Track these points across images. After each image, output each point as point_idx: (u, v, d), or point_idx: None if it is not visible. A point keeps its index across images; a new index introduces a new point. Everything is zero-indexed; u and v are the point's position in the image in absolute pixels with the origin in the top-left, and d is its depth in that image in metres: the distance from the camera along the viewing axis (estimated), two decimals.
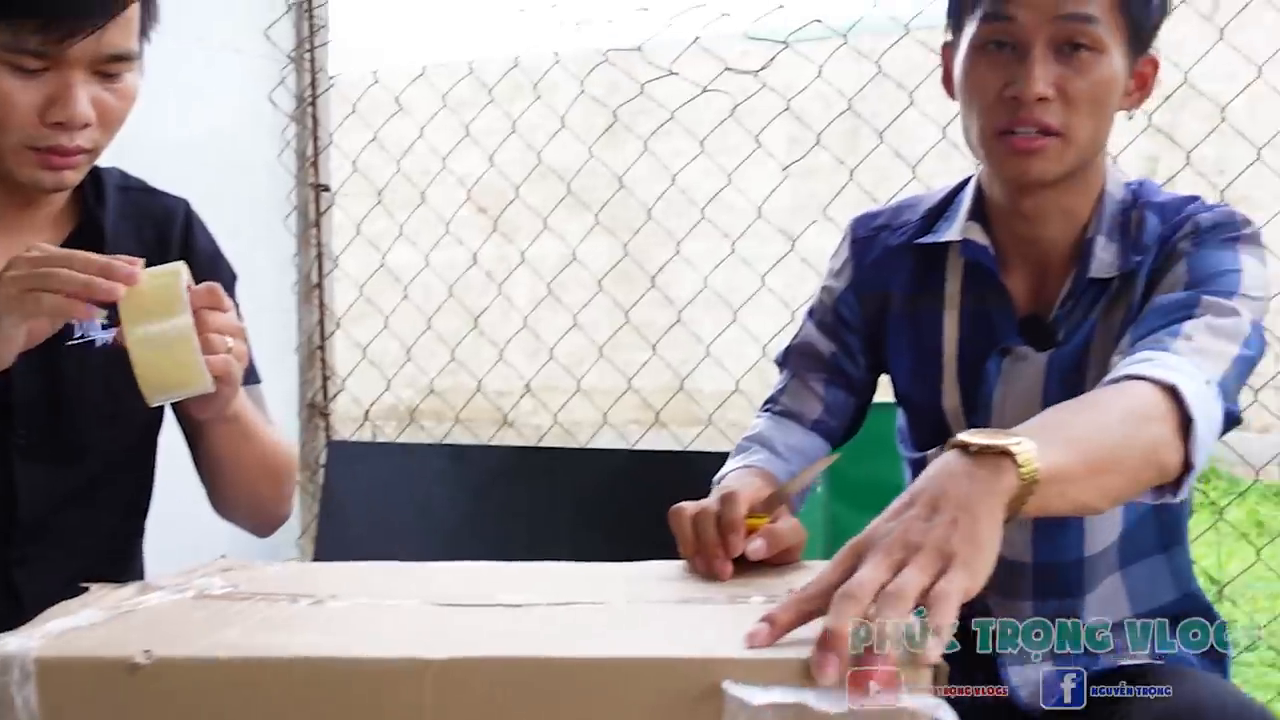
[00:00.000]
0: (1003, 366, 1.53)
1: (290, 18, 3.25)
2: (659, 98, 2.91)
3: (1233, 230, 1.43)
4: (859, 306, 1.65)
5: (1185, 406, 1.18)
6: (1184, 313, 1.33)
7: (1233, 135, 2.49)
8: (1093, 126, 1.42)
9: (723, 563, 1.22)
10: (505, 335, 3.39)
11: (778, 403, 1.67)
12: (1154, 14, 1.44)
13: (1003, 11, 1.41)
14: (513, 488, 2.82)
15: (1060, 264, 1.52)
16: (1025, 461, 1.00)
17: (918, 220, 1.63)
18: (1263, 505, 5.45)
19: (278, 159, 3.25)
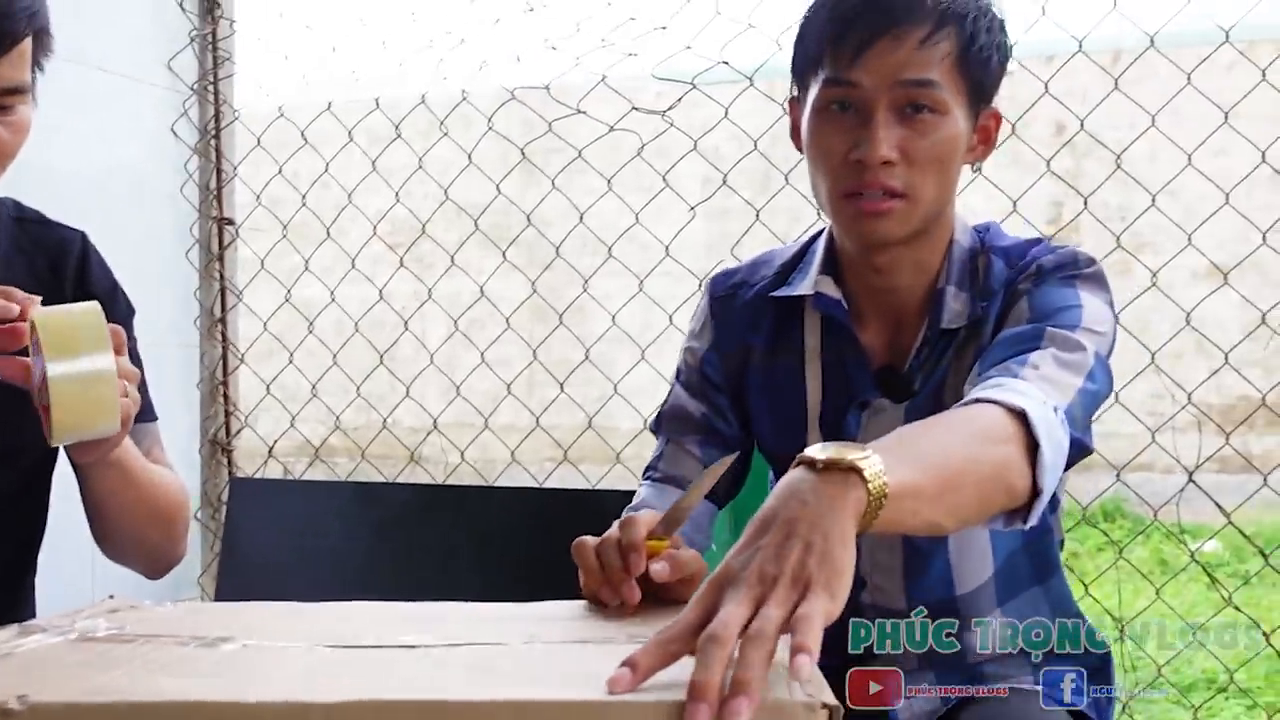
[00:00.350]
0: (862, 420, 1.54)
1: (194, 49, 3.21)
2: (568, 136, 2.91)
3: (1073, 269, 1.46)
4: (721, 365, 1.66)
5: (1032, 431, 1.19)
6: (1030, 344, 1.36)
7: (1134, 182, 2.55)
8: (937, 186, 1.45)
9: (629, 587, 1.22)
10: (414, 372, 3.35)
11: (656, 469, 1.66)
12: (993, 71, 1.47)
13: (844, 77, 1.43)
14: (420, 526, 2.79)
15: (914, 314, 1.54)
16: (873, 476, 0.99)
17: (773, 275, 1.64)
18: (1166, 544, 5.55)
19: (180, 192, 3.20)
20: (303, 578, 2.85)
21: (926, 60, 1.41)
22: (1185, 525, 2.67)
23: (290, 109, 3.39)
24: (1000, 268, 1.50)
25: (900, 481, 1.02)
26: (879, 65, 1.41)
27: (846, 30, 1.43)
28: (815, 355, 1.59)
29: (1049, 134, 6.05)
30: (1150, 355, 2.41)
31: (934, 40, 1.41)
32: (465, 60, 3.08)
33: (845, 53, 1.42)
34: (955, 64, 1.42)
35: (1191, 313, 2.41)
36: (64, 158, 2.72)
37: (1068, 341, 1.36)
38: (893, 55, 1.41)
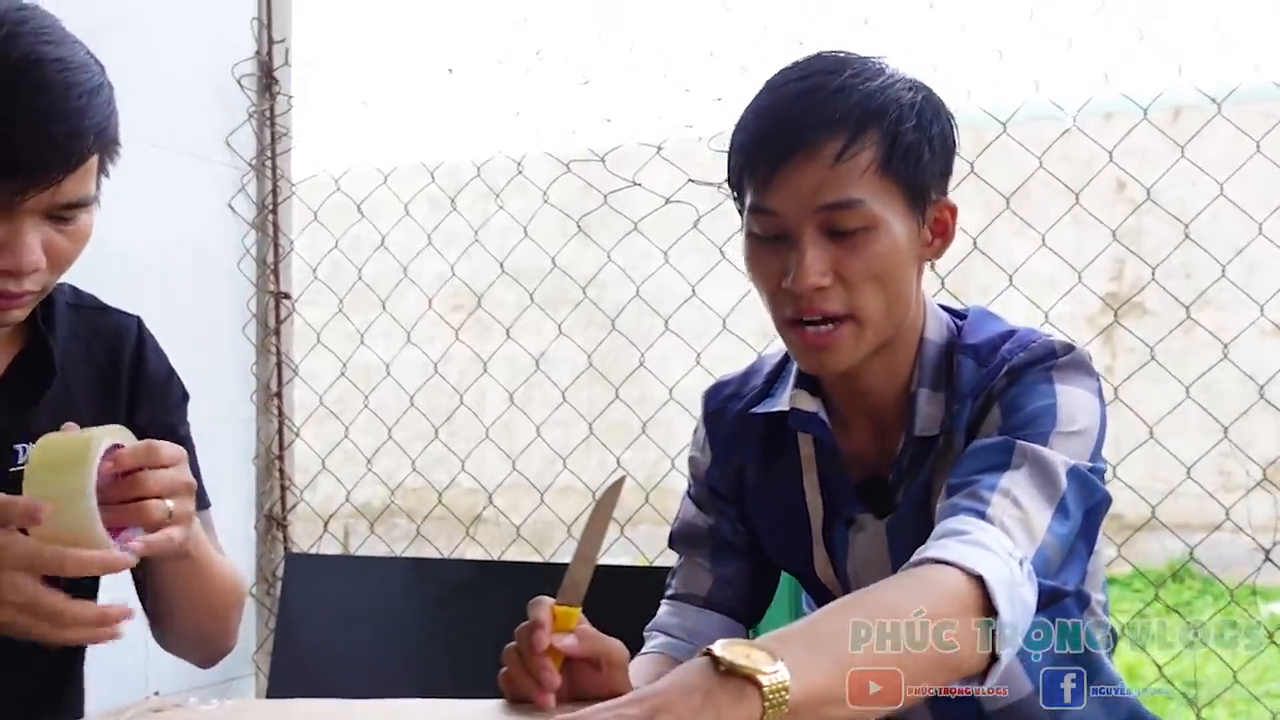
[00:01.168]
0: (849, 536, 1.48)
1: (252, 125, 3.24)
2: (626, 203, 2.90)
3: (1047, 363, 1.37)
4: (722, 479, 1.60)
5: (991, 598, 1.12)
6: (1001, 460, 1.28)
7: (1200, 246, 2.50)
8: (884, 301, 1.36)
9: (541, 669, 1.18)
10: (472, 438, 3.33)
11: (671, 587, 1.62)
12: (928, 167, 1.37)
13: (764, 205, 1.35)
14: (477, 602, 2.76)
15: (893, 420, 1.46)
16: (773, 690, 0.96)
17: (761, 384, 1.58)
18: (1236, 608, 5.42)
19: (237, 266, 3.21)
20: (358, 655, 2.82)
21: (845, 177, 1.31)
22: (1258, 588, 2.59)
23: (347, 181, 3.41)
24: (970, 368, 1.41)
25: (807, 689, 0.98)
26: (795, 190, 1.32)
27: (758, 152, 1.34)
28: (811, 464, 1.52)
29: (1109, 190, 5.99)
30: (1223, 429, 2.34)
31: (850, 153, 1.31)
32: (521, 131, 3.09)
33: (760, 178, 1.34)
34: (880, 172, 1.33)
35: (1265, 386, 2.34)
36: (121, 236, 2.73)
37: (1038, 461, 1.27)
38: (808, 177, 1.31)
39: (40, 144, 1.25)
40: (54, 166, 1.27)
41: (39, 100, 1.25)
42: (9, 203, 1.28)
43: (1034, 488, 1.25)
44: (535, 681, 1.19)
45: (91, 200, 1.36)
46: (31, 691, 1.47)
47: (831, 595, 1.52)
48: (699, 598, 1.58)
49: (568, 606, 1.23)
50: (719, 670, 0.97)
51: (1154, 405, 2.49)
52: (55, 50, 1.28)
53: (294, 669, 2.89)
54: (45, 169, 1.26)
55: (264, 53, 3.26)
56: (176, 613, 1.53)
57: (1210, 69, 2.52)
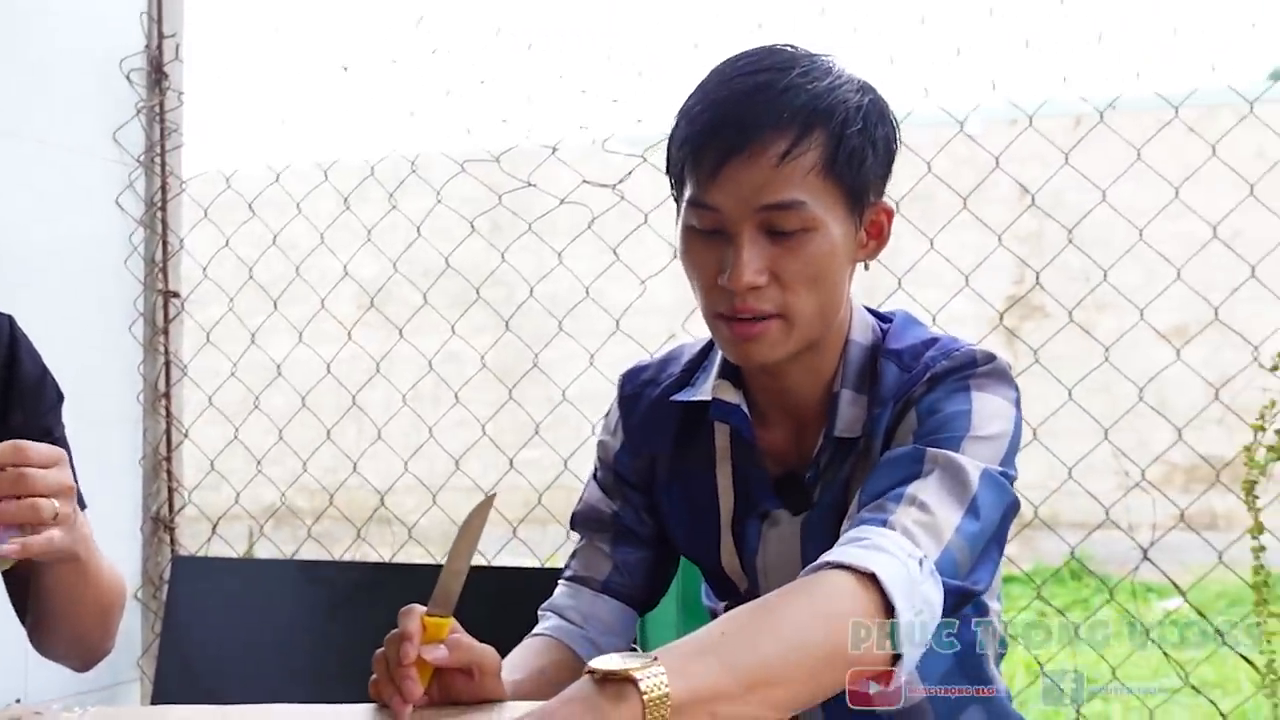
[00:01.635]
0: (762, 531, 1.49)
1: (140, 121, 3.17)
2: (525, 203, 2.89)
3: (966, 371, 1.39)
4: (632, 465, 1.60)
5: (887, 595, 1.14)
6: (910, 470, 1.29)
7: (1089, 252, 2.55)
8: (817, 302, 1.36)
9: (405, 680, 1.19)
10: (371, 438, 3.30)
11: (569, 568, 1.62)
12: (869, 171, 1.37)
13: (705, 200, 1.34)
14: (369, 605, 2.73)
15: (813, 419, 1.47)
16: (651, 689, 0.98)
17: (679, 373, 1.59)
18: (1131, 602, 5.54)
19: (124, 264, 3.15)
20: (247, 659, 2.78)
21: (788, 178, 1.31)
22: (1151, 584, 2.64)
23: (238, 179, 3.36)
24: (893, 374, 1.43)
25: (692, 688, 1.01)
26: (737, 188, 1.32)
27: (702, 147, 1.34)
28: (725, 458, 1.53)
29: (1014, 195, 6.11)
30: (1104, 431, 2.39)
31: (795, 154, 1.31)
32: (415, 130, 3.06)
33: (702, 173, 1.34)
34: (823, 174, 1.33)
35: (1145, 386, 2.40)
36: (4, 232, 2.67)
37: (949, 465, 1.29)
38: (751, 176, 1.31)
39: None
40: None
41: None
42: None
43: (943, 491, 1.27)
44: (397, 691, 1.19)
45: None
46: None
47: (735, 588, 1.54)
48: (596, 581, 1.57)
49: (439, 617, 1.22)
50: (596, 679, 1.00)
51: (1049, 406, 2.53)
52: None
53: (180, 674, 2.84)
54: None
55: (154, 47, 3.21)
56: (60, 615, 1.50)
57: (1096, 78, 2.58)
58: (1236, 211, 2.34)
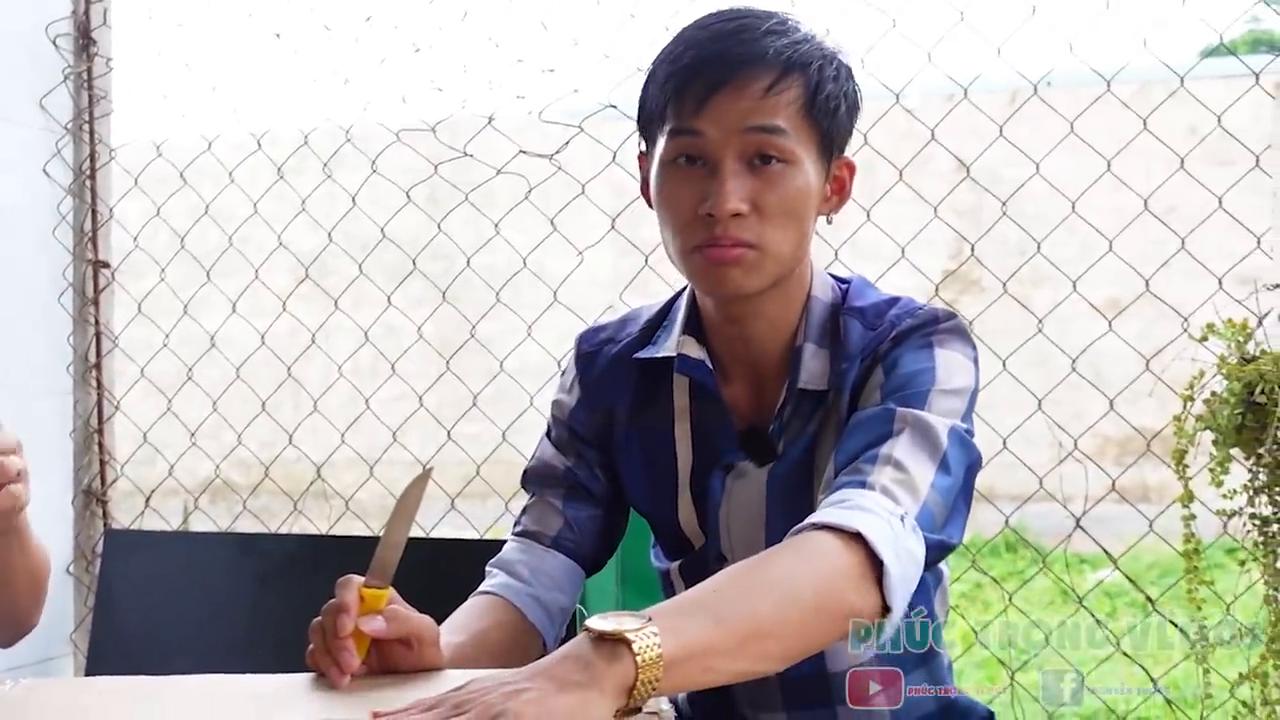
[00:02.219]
0: (726, 483, 1.52)
1: (68, 87, 3.12)
2: (462, 174, 2.87)
3: (930, 329, 1.44)
4: (589, 422, 1.62)
5: (874, 550, 1.18)
6: (882, 430, 1.34)
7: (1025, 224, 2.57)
8: (790, 238, 1.42)
9: (342, 651, 1.20)
10: (306, 411, 3.28)
11: (519, 524, 1.63)
12: (841, 120, 1.45)
13: (690, 126, 1.40)
14: (305, 577, 2.70)
15: (774, 373, 1.51)
16: (643, 649, 1.02)
17: (638, 333, 1.62)
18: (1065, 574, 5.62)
19: (53, 234, 3.10)
20: (181, 632, 2.76)
21: (772, 108, 1.38)
22: (1085, 555, 2.68)
23: (169, 148, 3.31)
24: (858, 331, 1.48)
25: (684, 644, 1.05)
26: (723, 114, 1.38)
27: (689, 81, 1.40)
28: (685, 415, 1.56)
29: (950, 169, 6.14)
30: (1038, 401, 2.42)
31: (779, 89, 1.38)
32: (350, 99, 3.03)
33: (689, 103, 1.39)
34: (802, 112, 1.40)
35: (1077, 359, 2.43)
36: None
37: (919, 424, 1.34)
38: (737, 103, 1.38)
39: None
40: None
41: None
42: None
43: (915, 449, 1.32)
44: (334, 662, 1.20)
45: None
46: None
47: (689, 546, 1.57)
48: (547, 537, 1.58)
49: (376, 589, 1.23)
50: (592, 638, 1.03)
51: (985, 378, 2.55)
52: None
53: (114, 648, 2.81)
54: None
55: (81, 12, 3.15)
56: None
57: (1032, 53, 2.59)
58: (1168, 186, 2.37)
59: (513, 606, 1.50)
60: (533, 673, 1.01)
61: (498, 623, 1.47)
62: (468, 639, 1.39)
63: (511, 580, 1.54)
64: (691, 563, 1.57)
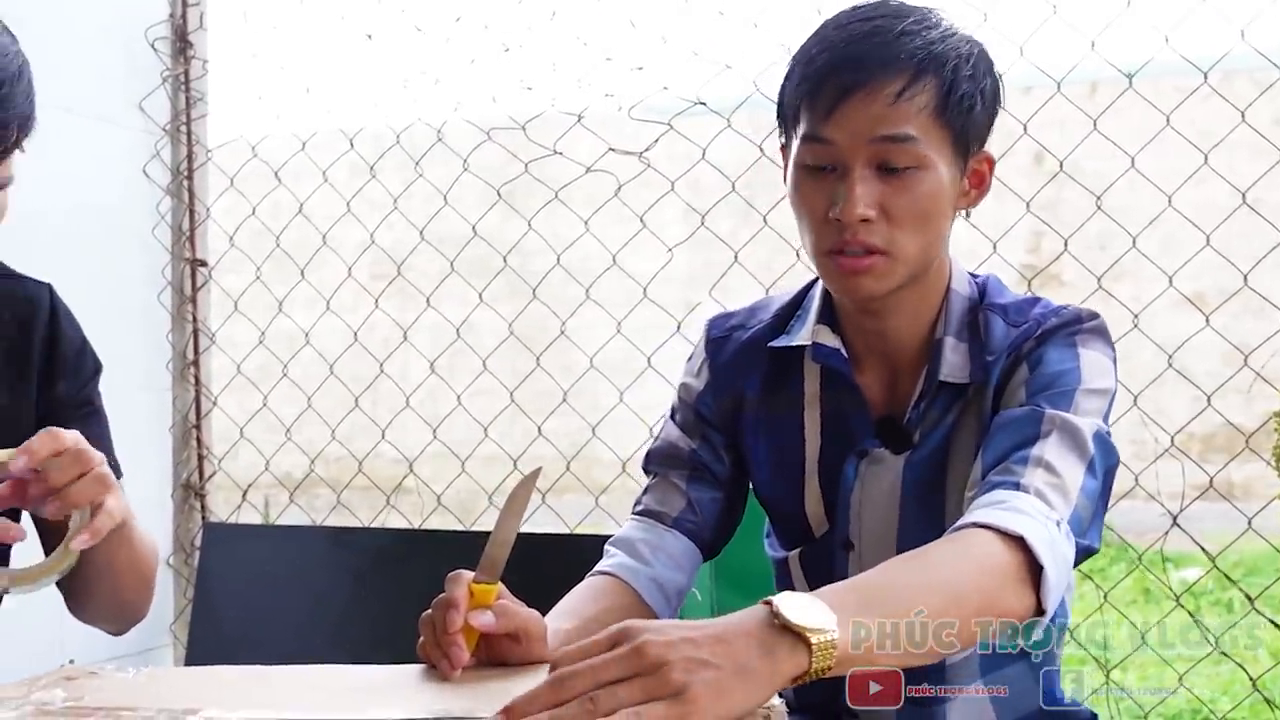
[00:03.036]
0: (859, 469, 1.52)
1: (166, 89, 3.19)
2: (545, 173, 2.89)
3: (1074, 328, 1.44)
4: (716, 406, 1.63)
5: (1035, 555, 1.18)
6: (1031, 432, 1.34)
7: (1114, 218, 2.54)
8: (921, 241, 1.41)
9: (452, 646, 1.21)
10: (396, 407, 3.32)
11: (640, 504, 1.63)
12: (977, 118, 1.43)
13: (820, 134, 1.40)
14: (397, 571, 2.75)
15: (911, 364, 1.52)
16: (821, 650, 1.00)
17: (770, 320, 1.63)
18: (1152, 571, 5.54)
19: (152, 233, 3.16)
20: (277, 624, 2.81)
21: (902, 115, 1.37)
22: (1169, 554, 2.65)
23: (264, 148, 3.37)
24: (1001, 327, 1.48)
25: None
26: (853, 122, 1.37)
27: (820, 86, 1.40)
28: (815, 402, 1.57)
29: (1028, 164, 6.04)
30: (1133, 397, 2.39)
31: (910, 94, 1.37)
32: (441, 98, 3.07)
33: (819, 110, 1.39)
34: (934, 115, 1.38)
35: (1174, 354, 2.40)
36: (32, 202, 2.66)
37: (1067, 427, 1.34)
38: (866, 111, 1.37)
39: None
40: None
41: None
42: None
43: (1065, 451, 1.32)
44: (444, 656, 1.21)
45: (9, 182, 1.34)
46: None
47: (809, 534, 1.57)
48: (669, 516, 1.59)
49: (485, 584, 1.24)
50: (775, 623, 1.01)
51: None
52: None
53: (212, 638, 2.87)
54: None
55: (178, 15, 3.22)
56: (101, 579, 1.51)
57: (1123, 43, 2.56)
58: (1251, 178, 2.34)
59: (629, 589, 1.50)
60: (715, 639, 0.98)
61: (611, 607, 1.47)
62: (578, 625, 1.39)
63: (631, 560, 1.54)
64: (811, 551, 1.57)
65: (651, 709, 0.93)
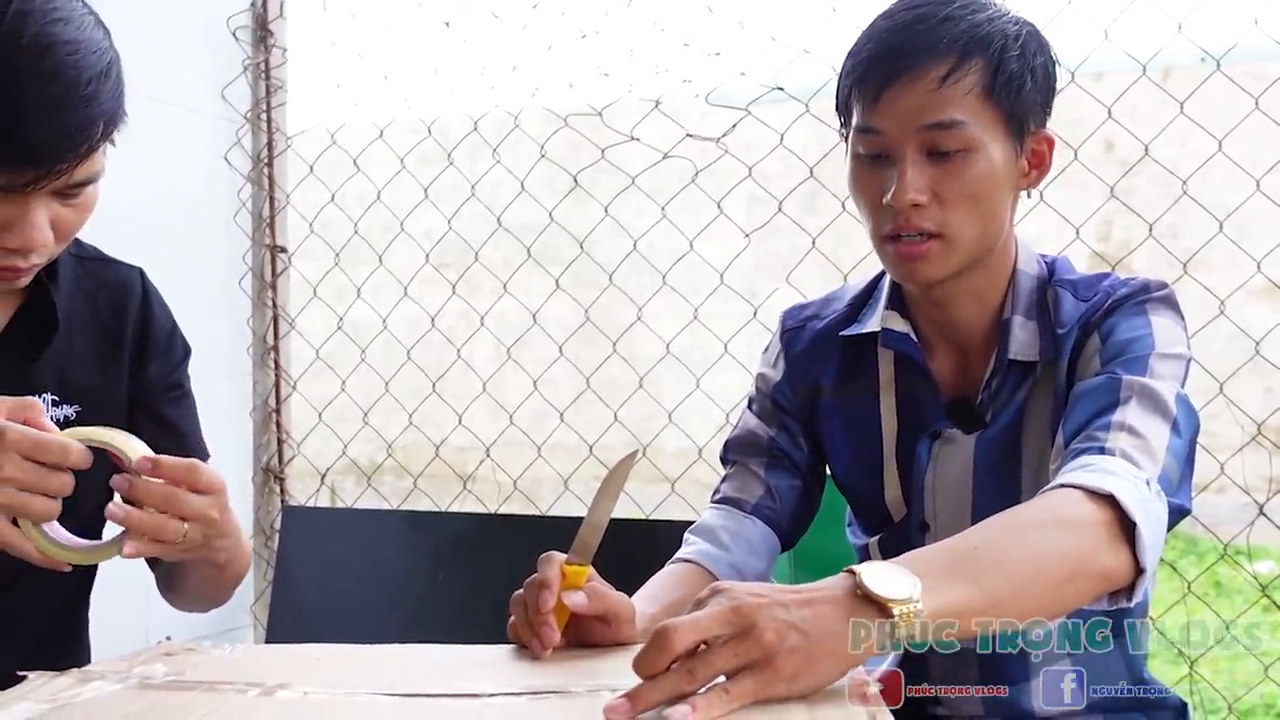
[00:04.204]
0: (933, 450, 1.54)
1: (247, 78, 3.23)
2: (620, 161, 2.90)
3: (1143, 295, 1.45)
4: (793, 395, 1.65)
5: (1126, 513, 1.17)
6: (1110, 399, 1.34)
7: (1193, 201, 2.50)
8: (977, 222, 1.42)
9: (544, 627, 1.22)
10: (465, 391, 3.34)
11: (719, 492, 1.65)
12: (1028, 97, 1.43)
13: (869, 124, 1.42)
14: (473, 555, 2.78)
15: (981, 345, 1.53)
16: (904, 619, 1.01)
17: (844, 308, 1.65)
18: (1221, 565, 5.47)
19: (233, 220, 3.21)
20: (355, 606, 2.85)
21: (948, 100, 1.38)
22: (1241, 546, 2.62)
23: (343, 136, 3.40)
24: (1070, 302, 1.48)
25: (944, 609, 1.04)
26: (899, 110, 1.39)
27: (866, 76, 1.42)
28: (889, 387, 1.58)
29: (1099, 150, 5.96)
30: (1219, 386, 2.36)
31: (955, 77, 1.38)
32: (518, 85, 3.08)
33: (867, 99, 1.42)
34: (982, 97, 1.39)
35: (1261, 341, 2.36)
36: (116, 188, 2.68)
37: (1146, 391, 1.34)
38: (912, 99, 1.39)
39: (52, 136, 1.24)
40: (65, 157, 1.26)
41: (50, 88, 1.23)
42: (19, 188, 1.26)
43: (1147, 413, 1.32)
44: (535, 636, 1.23)
45: (99, 176, 1.35)
46: (34, 651, 1.47)
47: (889, 519, 1.59)
48: (748, 504, 1.61)
49: (578, 565, 1.25)
50: (858, 593, 1.01)
51: None
52: (65, 31, 1.25)
53: (291, 619, 2.91)
54: (57, 160, 1.25)
55: (259, 5, 3.26)
56: (192, 576, 1.54)
57: (1205, 26, 2.52)
58: None
59: (710, 575, 1.51)
60: (803, 603, 0.99)
61: (692, 594, 1.47)
62: (661, 609, 1.39)
63: (710, 547, 1.55)
64: (891, 537, 1.58)
65: (740, 685, 0.95)
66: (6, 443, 1.18)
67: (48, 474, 1.20)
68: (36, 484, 1.19)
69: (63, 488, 1.21)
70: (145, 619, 2.56)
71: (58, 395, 1.49)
